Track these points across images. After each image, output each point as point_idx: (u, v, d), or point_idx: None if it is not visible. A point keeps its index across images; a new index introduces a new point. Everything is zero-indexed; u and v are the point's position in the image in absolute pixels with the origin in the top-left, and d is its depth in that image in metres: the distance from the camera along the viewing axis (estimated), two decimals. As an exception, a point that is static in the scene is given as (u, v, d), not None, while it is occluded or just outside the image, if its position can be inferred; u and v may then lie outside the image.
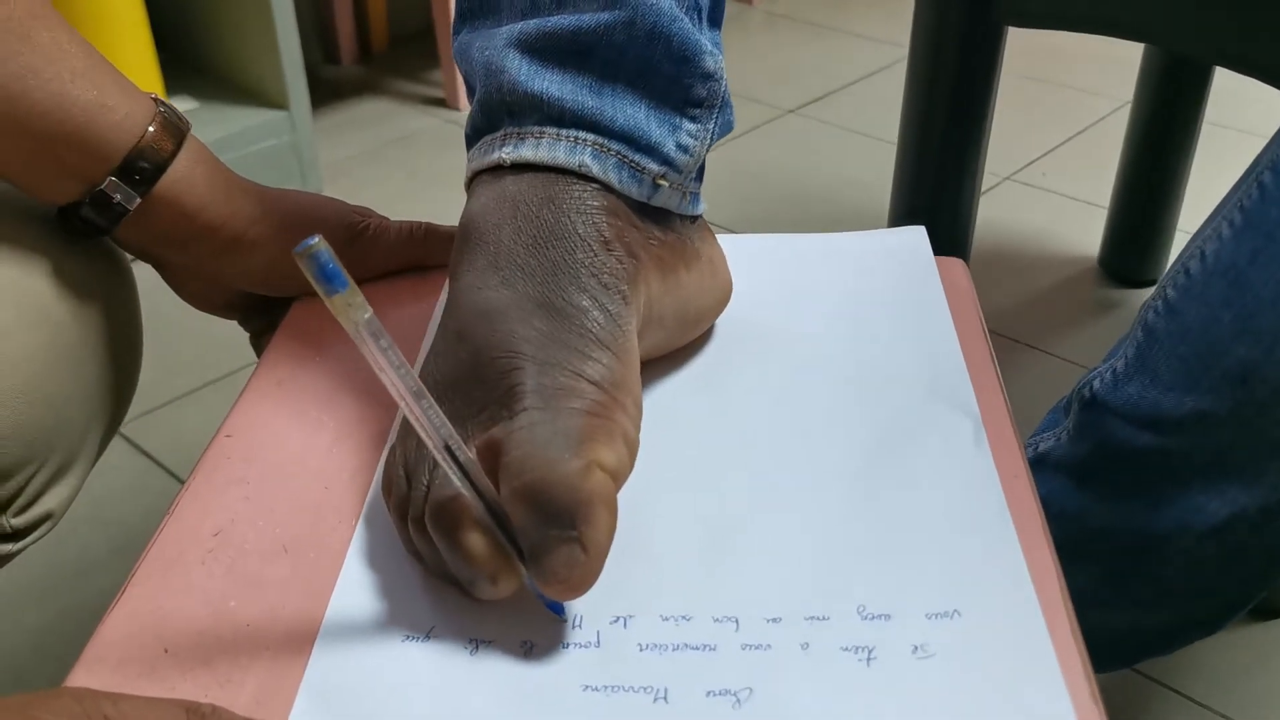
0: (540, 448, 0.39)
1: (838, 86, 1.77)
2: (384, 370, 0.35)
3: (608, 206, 0.46)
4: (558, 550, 0.38)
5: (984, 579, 0.41)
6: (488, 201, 0.47)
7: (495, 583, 0.39)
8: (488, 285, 0.45)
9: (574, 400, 0.41)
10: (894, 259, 0.60)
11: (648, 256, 0.48)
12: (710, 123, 0.49)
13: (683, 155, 0.48)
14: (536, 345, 0.43)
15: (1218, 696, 0.82)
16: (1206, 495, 0.59)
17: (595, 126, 0.47)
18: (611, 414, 0.42)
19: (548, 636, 0.39)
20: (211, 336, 1.16)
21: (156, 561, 0.44)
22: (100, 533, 0.98)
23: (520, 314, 0.43)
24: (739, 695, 0.37)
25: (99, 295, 0.52)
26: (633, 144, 0.47)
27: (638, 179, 0.47)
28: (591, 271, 0.45)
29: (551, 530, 0.38)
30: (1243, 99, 1.33)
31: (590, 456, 0.39)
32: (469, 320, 0.44)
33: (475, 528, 0.39)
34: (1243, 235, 0.54)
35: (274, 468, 0.48)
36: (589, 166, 0.46)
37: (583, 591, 0.38)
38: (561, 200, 0.46)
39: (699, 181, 0.52)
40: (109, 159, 0.49)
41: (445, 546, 0.40)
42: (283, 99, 1.43)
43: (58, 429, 0.50)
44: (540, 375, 0.42)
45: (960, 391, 0.50)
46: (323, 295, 0.33)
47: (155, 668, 0.39)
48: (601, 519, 0.38)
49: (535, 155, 0.46)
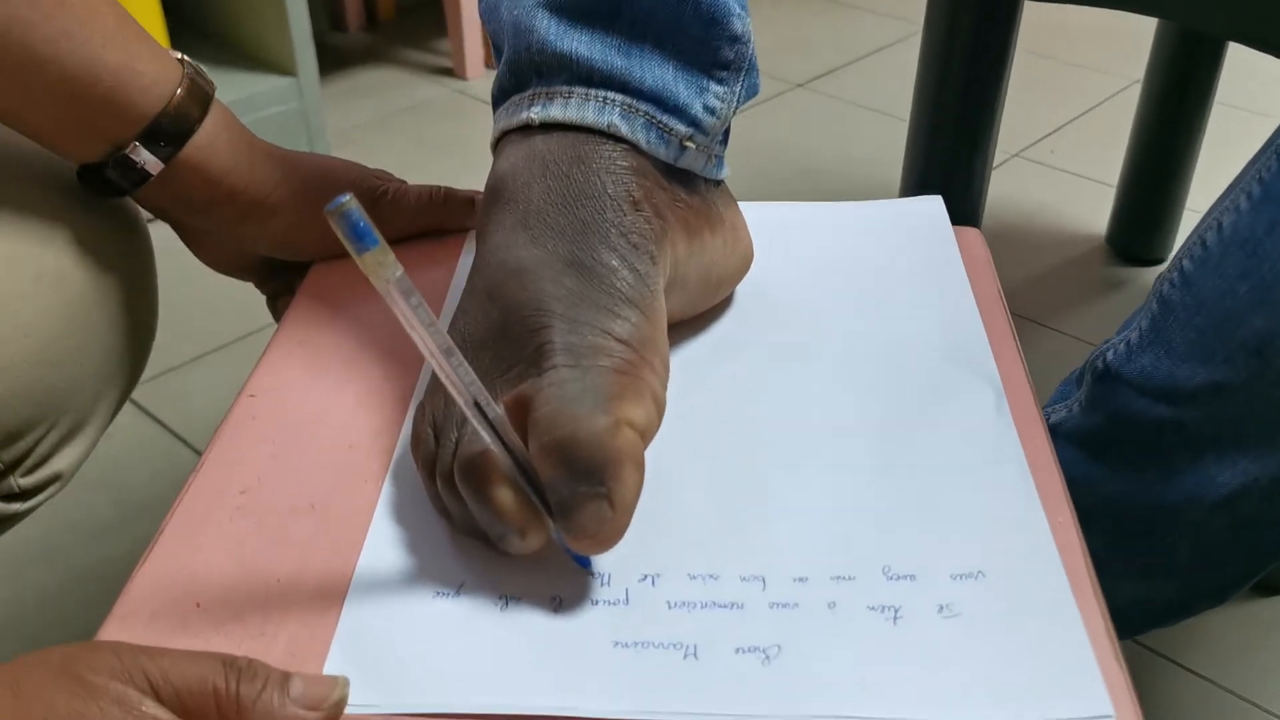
0: (569, 404, 0.40)
1: (847, 61, 1.77)
2: (414, 328, 0.36)
3: (636, 167, 0.46)
4: (586, 506, 0.38)
5: (1008, 540, 0.41)
6: (517, 161, 0.47)
7: (524, 537, 0.39)
8: (517, 244, 0.45)
9: (603, 358, 0.41)
10: (912, 228, 0.60)
11: (674, 218, 0.48)
12: (737, 85, 0.49)
13: (709, 117, 0.49)
14: (566, 304, 0.43)
15: (1220, 670, 0.83)
16: (1218, 467, 0.59)
17: (624, 87, 0.47)
18: (640, 372, 0.42)
19: (577, 593, 0.40)
20: (218, 302, 1.16)
21: (184, 519, 0.44)
22: (107, 496, 0.98)
23: (550, 272, 0.44)
24: (768, 652, 0.37)
25: (116, 260, 0.52)
26: (661, 105, 0.47)
27: (665, 140, 0.47)
28: (621, 231, 0.45)
29: (580, 486, 0.38)
30: (1254, 80, 1.33)
31: (619, 414, 0.40)
32: (499, 279, 0.44)
33: (504, 482, 0.39)
34: (1261, 207, 0.55)
35: (298, 427, 0.48)
36: (618, 126, 0.46)
37: (610, 546, 0.39)
38: (591, 159, 0.46)
39: (724, 145, 0.52)
40: (136, 123, 0.49)
41: (474, 501, 0.40)
42: (290, 65, 1.42)
43: (70, 391, 0.50)
44: (569, 333, 0.42)
45: (981, 359, 0.50)
46: (353, 253, 0.33)
47: (187, 622, 0.39)
48: (630, 476, 0.38)
49: (564, 115, 0.47)
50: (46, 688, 0.32)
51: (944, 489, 0.43)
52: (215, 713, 0.33)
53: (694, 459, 0.46)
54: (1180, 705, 0.81)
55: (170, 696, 0.33)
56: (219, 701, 0.33)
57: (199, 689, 0.33)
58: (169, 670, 0.33)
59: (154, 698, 0.33)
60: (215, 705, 0.33)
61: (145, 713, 0.32)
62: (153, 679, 0.33)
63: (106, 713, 0.32)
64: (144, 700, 0.32)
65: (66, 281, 0.49)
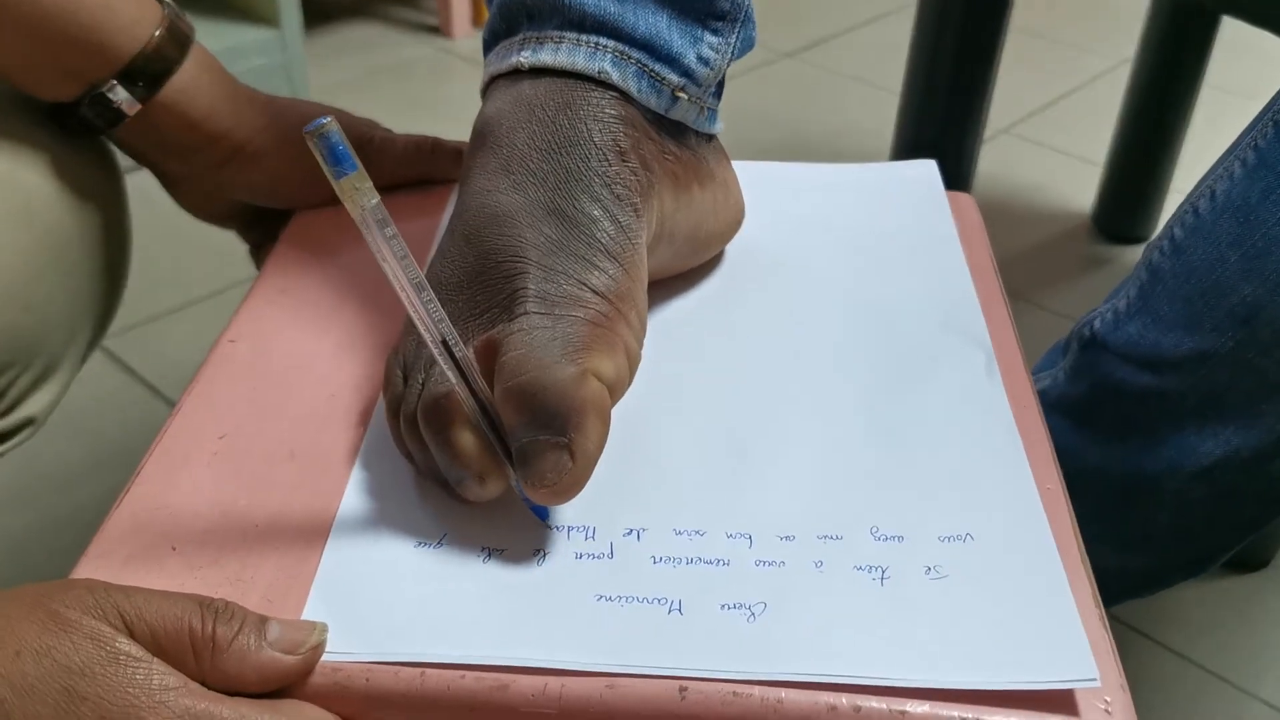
0: (536, 351, 0.39)
1: (837, 31, 1.76)
2: (386, 260, 0.35)
3: (625, 116, 0.46)
4: (546, 455, 0.37)
5: (996, 504, 0.41)
6: (503, 105, 0.46)
7: (482, 482, 0.39)
8: (498, 189, 0.44)
9: (576, 309, 0.41)
10: (905, 191, 0.59)
11: (662, 170, 0.47)
12: (732, 36, 0.48)
13: (703, 68, 0.48)
14: (543, 251, 0.42)
15: (1197, 647, 0.84)
16: (1200, 436, 0.59)
17: (616, 33, 0.46)
18: (614, 325, 0.41)
19: (560, 547, 0.39)
20: (200, 253, 1.14)
21: (161, 461, 0.43)
22: (79, 444, 0.97)
23: (529, 219, 0.43)
24: (753, 609, 0.37)
25: (90, 199, 0.51)
26: (653, 53, 0.46)
27: (657, 89, 0.47)
28: (605, 181, 0.44)
29: (541, 434, 0.38)
30: (1244, 62, 1.33)
31: (587, 364, 0.39)
32: (477, 223, 0.44)
33: (466, 426, 0.39)
34: (1255, 173, 0.54)
35: (279, 374, 0.47)
36: (609, 73, 0.45)
37: (568, 498, 0.38)
38: (579, 106, 0.45)
39: (718, 98, 0.51)
40: (113, 62, 0.48)
41: (435, 444, 0.39)
42: (273, 16, 1.40)
43: (42, 333, 0.49)
44: (544, 281, 0.41)
45: (972, 322, 0.50)
46: (331, 177, 0.32)
47: (163, 566, 0.39)
48: (593, 428, 0.38)
49: (554, 60, 0.46)
50: (19, 622, 0.31)
51: (933, 451, 0.43)
52: (190, 653, 0.33)
53: (683, 416, 0.45)
54: (1152, 679, 0.82)
55: (144, 635, 0.32)
56: (193, 641, 0.33)
57: (174, 628, 0.33)
58: (144, 608, 0.33)
59: (128, 635, 0.32)
60: (190, 645, 0.33)
61: (119, 649, 0.32)
62: (127, 616, 0.32)
63: (79, 647, 0.31)
64: (118, 637, 0.32)
65: (39, 218, 0.48)
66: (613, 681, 0.35)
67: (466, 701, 0.35)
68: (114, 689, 0.31)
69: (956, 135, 1.03)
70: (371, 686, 0.35)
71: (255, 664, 0.34)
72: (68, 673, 0.31)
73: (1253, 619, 0.86)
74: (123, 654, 0.32)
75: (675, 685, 0.35)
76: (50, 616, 0.32)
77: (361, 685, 0.35)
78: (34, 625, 0.31)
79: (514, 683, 0.35)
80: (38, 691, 0.31)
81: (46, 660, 0.31)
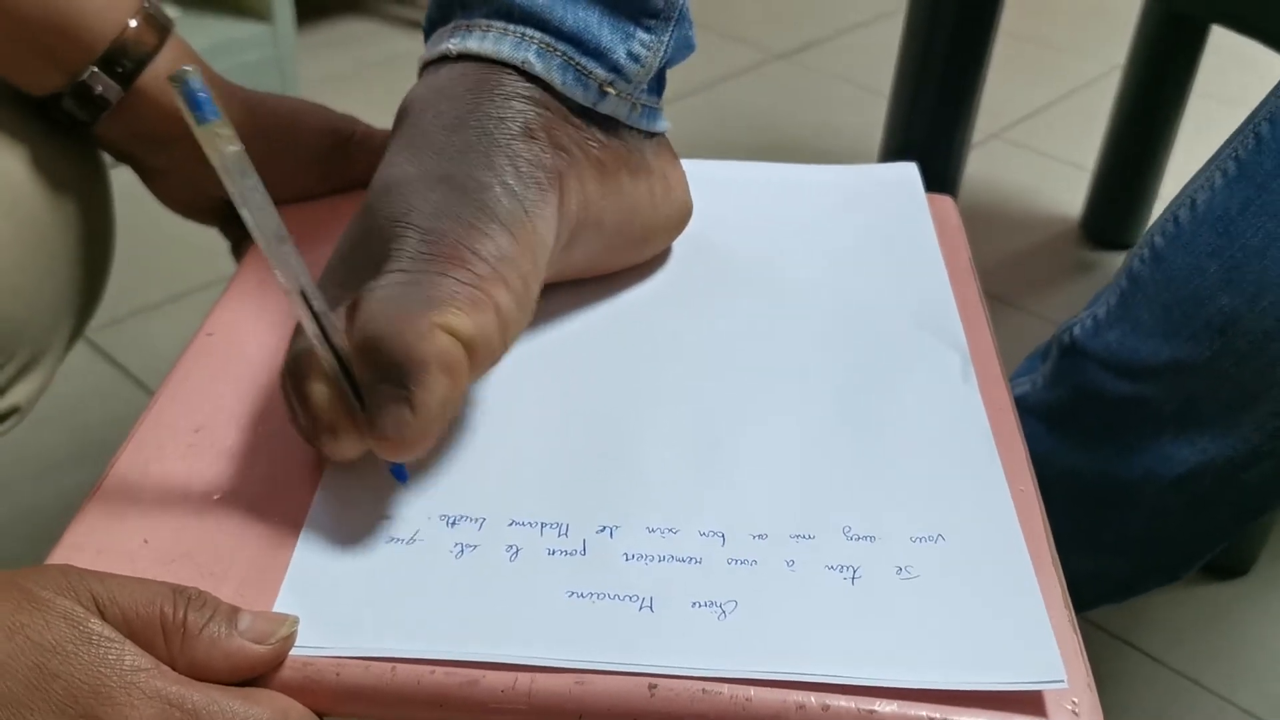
0: (389, 304, 0.39)
1: (829, 34, 1.76)
2: (245, 208, 0.35)
3: (539, 99, 0.46)
4: (387, 407, 0.37)
5: (968, 506, 0.41)
6: (422, 90, 0.47)
7: (335, 437, 0.39)
8: (397, 163, 0.44)
9: (449, 267, 0.40)
10: (884, 193, 0.60)
11: (583, 155, 0.47)
12: (665, 34, 0.49)
13: (633, 64, 0.48)
14: (427, 216, 0.42)
15: (1174, 653, 0.84)
16: (1176, 444, 0.59)
17: (544, 25, 0.46)
18: (487, 287, 0.40)
19: (533, 544, 0.39)
20: (183, 248, 1.14)
21: (136, 454, 0.43)
22: (63, 437, 0.97)
23: (420, 186, 0.43)
24: (724, 607, 0.37)
25: (74, 188, 0.51)
26: (580, 47, 0.47)
27: (583, 83, 0.47)
28: (508, 156, 0.44)
29: (384, 385, 0.38)
30: (1233, 71, 1.33)
31: (440, 319, 0.38)
32: (373, 194, 0.44)
33: (321, 379, 0.39)
34: (1235, 184, 0.55)
35: (256, 367, 0.47)
36: (532, 64, 0.46)
37: (411, 454, 0.38)
38: (492, 88, 0.45)
39: (657, 96, 0.51)
40: (91, 49, 0.48)
41: (294, 398, 0.40)
42: (266, 11, 1.39)
43: (27, 321, 0.49)
44: (421, 243, 0.41)
45: (949, 325, 0.50)
46: (191, 124, 0.33)
47: (135, 558, 0.39)
48: (436, 382, 0.37)
49: (480, 47, 0.46)
50: None
51: (906, 452, 0.43)
52: (160, 638, 0.33)
53: (658, 414, 0.45)
54: (1126, 683, 0.82)
55: (116, 618, 0.33)
56: (165, 626, 0.33)
57: (146, 612, 0.33)
58: (116, 592, 0.33)
59: (100, 617, 0.32)
60: (161, 629, 0.33)
61: (91, 629, 0.32)
62: (99, 599, 0.33)
63: (52, 625, 0.31)
64: (90, 618, 0.32)
65: (23, 206, 0.48)
66: (582, 678, 0.35)
67: (437, 697, 0.35)
68: (86, 668, 0.31)
69: (945, 139, 1.04)
70: (342, 681, 0.35)
71: (225, 651, 0.34)
72: (40, 650, 0.31)
73: (1231, 625, 0.87)
74: (95, 634, 0.32)
75: (645, 682, 0.35)
76: (24, 595, 0.32)
77: (332, 679, 0.35)
78: (7, 604, 0.31)
79: (484, 678, 0.35)
80: (9, 668, 0.31)
81: (19, 637, 0.31)
